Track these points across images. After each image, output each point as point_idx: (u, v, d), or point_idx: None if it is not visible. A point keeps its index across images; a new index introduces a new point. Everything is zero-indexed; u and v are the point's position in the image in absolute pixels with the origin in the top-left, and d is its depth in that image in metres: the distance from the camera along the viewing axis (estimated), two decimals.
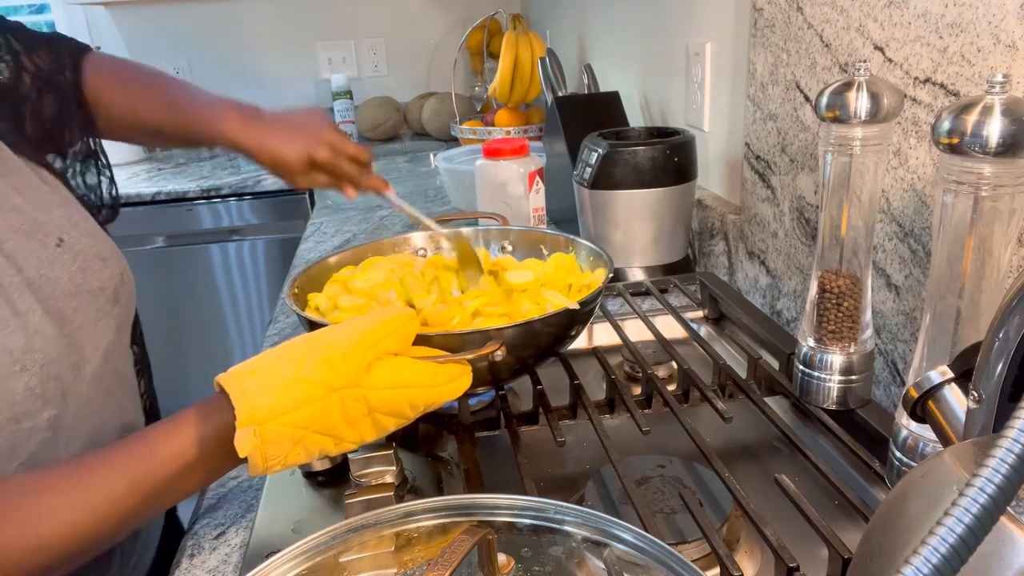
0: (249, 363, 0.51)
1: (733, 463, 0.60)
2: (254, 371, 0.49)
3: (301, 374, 0.48)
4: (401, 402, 0.52)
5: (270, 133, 0.78)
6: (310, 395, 0.48)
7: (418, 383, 0.52)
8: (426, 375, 0.53)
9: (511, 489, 0.49)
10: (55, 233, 0.62)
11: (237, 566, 0.58)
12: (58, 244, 0.62)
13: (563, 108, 1.29)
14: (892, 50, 0.66)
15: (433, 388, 0.53)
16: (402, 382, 0.52)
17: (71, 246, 0.62)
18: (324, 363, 0.49)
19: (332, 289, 0.75)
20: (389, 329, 0.53)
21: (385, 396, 0.51)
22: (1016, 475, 0.22)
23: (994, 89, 0.43)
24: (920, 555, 0.22)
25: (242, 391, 0.47)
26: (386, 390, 0.51)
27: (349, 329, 0.52)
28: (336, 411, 0.49)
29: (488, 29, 2.44)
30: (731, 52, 1.04)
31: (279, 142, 0.78)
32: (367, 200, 1.76)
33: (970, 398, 0.34)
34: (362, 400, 0.50)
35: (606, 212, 1.02)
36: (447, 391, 0.54)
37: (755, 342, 0.83)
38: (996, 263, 0.46)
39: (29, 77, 0.74)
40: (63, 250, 0.62)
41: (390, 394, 0.51)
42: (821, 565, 0.50)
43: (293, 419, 0.48)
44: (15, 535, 0.45)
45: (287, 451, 0.48)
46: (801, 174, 0.84)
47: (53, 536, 0.46)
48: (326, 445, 0.50)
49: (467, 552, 0.36)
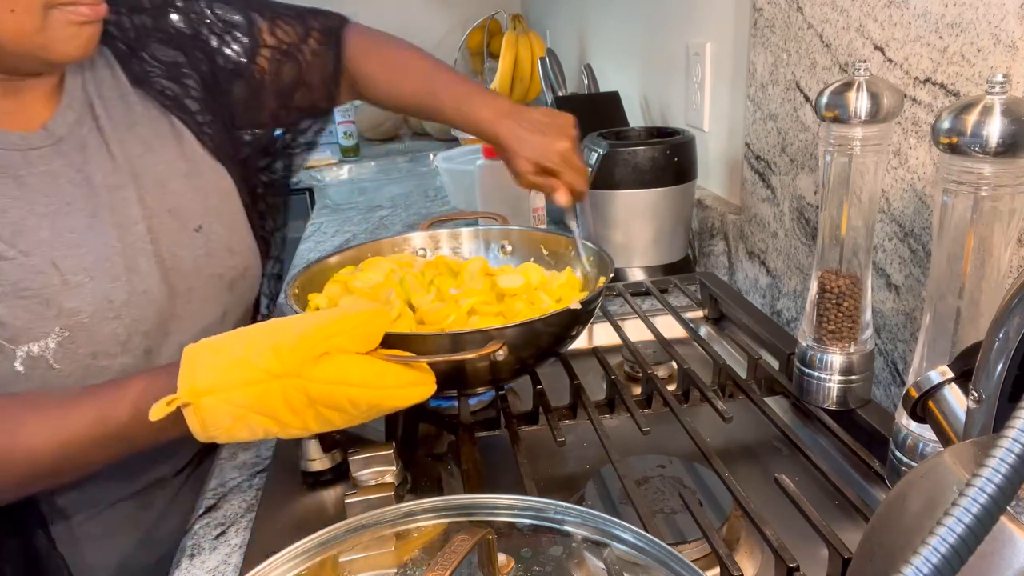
0: (219, 338, 0.54)
1: (733, 463, 0.60)
2: (215, 347, 0.52)
3: (249, 356, 0.51)
4: (340, 398, 0.52)
5: (518, 128, 0.79)
6: (250, 378, 0.50)
7: (361, 382, 0.53)
8: (371, 375, 0.53)
9: (511, 489, 0.49)
10: (197, 220, 0.71)
11: (237, 566, 0.58)
12: (196, 229, 0.71)
13: (563, 108, 1.28)
14: (892, 50, 0.66)
15: (378, 390, 0.53)
16: (344, 379, 0.52)
17: (207, 233, 0.72)
18: (271, 350, 0.51)
19: (332, 289, 0.75)
20: (346, 326, 0.53)
21: (325, 390, 0.52)
22: (1016, 475, 0.22)
23: (994, 89, 0.43)
24: (920, 555, 0.22)
25: (193, 363, 0.51)
26: (327, 384, 0.52)
27: (306, 321, 0.54)
28: (277, 397, 0.51)
29: (488, 29, 2.44)
30: (731, 52, 1.04)
31: (529, 141, 0.79)
32: (367, 200, 1.76)
33: (970, 398, 0.34)
34: (302, 390, 0.51)
35: (606, 212, 1.02)
36: (395, 395, 0.54)
37: (755, 342, 0.83)
38: (996, 263, 0.46)
39: (267, 52, 0.81)
40: (199, 235, 0.71)
41: (330, 388, 0.52)
42: (821, 565, 0.50)
43: (232, 397, 0.50)
44: (6, 443, 0.54)
45: (228, 425, 0.51)
46: (801, 174, 0.84)
47: (28, 447, 0.54)
48: (269, 426, 0.52)
49: (467, 552, 0.36)
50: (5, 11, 0.56)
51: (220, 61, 0.79)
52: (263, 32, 0.82)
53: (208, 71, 0.77)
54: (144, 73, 0.73)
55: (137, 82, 0.72)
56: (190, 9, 0.78)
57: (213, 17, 0.79)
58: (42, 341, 0.61)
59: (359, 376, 0.53)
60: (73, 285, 0.62)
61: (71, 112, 0.67)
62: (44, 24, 0.58)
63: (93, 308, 0.63)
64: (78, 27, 0.60)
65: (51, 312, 0.61)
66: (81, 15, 0.60)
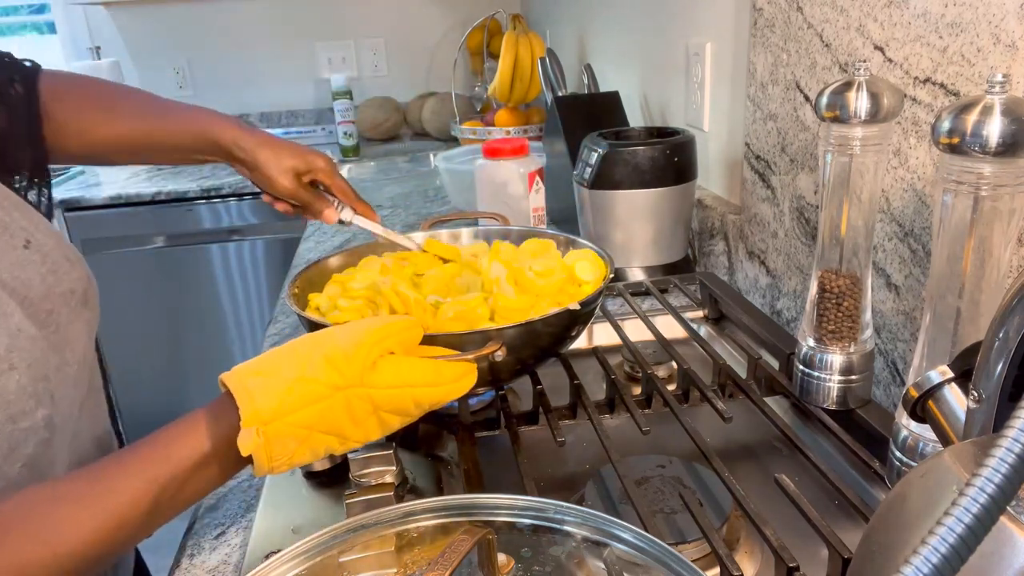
0: (253, 362, 0.51)
1: (733, 463, 0.60)
2: (259, 371, 0.49)
3: (305, 374, 0.48)
4: (406, 400, 0.52)
5: (270, 139, 0.78)
6: (314, 395, 0.48)
7: (423, 382, 0.52)
8: (430, 374, 0.53)
9: (511, 489, 0.49)
10: (21, 235, 0.59)
11: (237, 566, 0.58)
12: (25, 245, 0.59)
13: (563, 108, 1.29)
14: (892, 50, 0.66)
15: (438, 387, 0.53)
16: (406, 381, 0.52)
17: (39, 247, 0.60)
18: (327, 362, 0.49)
19: (332, 289, 0.75)
20: (392, 330, 0.53)
21: (390, 395, 0.51)
22: (1016, 475, 0.22)
23: (994, 89, 0.43)
24: (920, 555, 0.22)
25: (246, 391, 0.47)
26: (391, 389, 0.51)
27: (352, 329, 0.52)
28: (341, 410, 0.49)
29: (488, 29, 2.44)
30: (731, 52, 1.04)
31: (279, 147, 0.78)
32: (367, 200, 1.75)
33: (970, 398, 0.34)
34: (367, 399, 0.50)
35: (606, 212, 1.02)
36: (452, 390, 0.54)
37: (755, 342, 0.83)
38: (996, 263, 0.46)
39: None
40: (31, 251, 0.59)
41: (395, 393, 0.51)
42: (821, 565, 0.50)
43: (298, 419, 0.48)
44: (34, 550, 0.44)
45: (292, 451, 0.48)
46: (801, 174, 0.84)
47: (72, 545, 0.45)
48: (331, 444, 0.50)
49: (467, 552, 0.36)
50: None
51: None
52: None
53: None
54: None
55: None
56: None
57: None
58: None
59: (419, 376, 0.52)
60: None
61: None
62: None
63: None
64: None
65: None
66: None
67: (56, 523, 0.45)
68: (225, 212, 2.16)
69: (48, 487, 0.48)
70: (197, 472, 0.48)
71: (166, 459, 0.48)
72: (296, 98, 2.75)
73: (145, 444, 0.49)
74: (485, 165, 1.18)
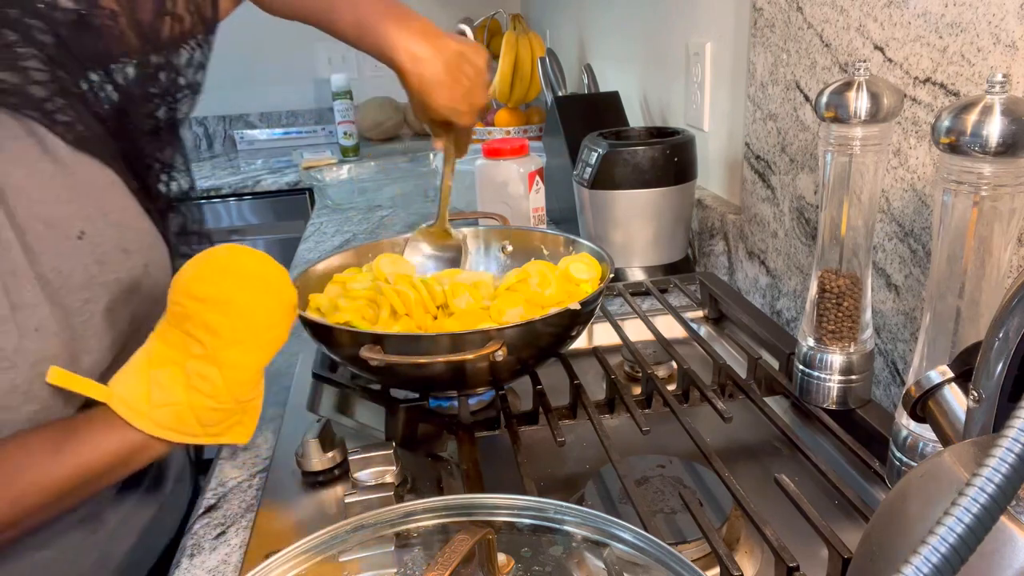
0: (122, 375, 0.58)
1: (733, 463, 0.60)
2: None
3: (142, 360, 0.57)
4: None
5: (432, 67, 0.74)
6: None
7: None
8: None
9: (511, 489, 0.49)
10: (78, 225, 0.61)
11: (237, 566, 0.58)
12: (79, 236, 0.61)
13: (563, 108, 1.29)
14: (892, 50, 0.66)
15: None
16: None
17: (92, 238, 0.62)
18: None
19: (333, 290, 0.75)
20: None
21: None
22: (1016, 475, 0.22)
23: (994, 89, 0.43)
24: (920, 555, 0.22)
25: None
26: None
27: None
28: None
29: (488, 29, 2.44)
30: (731, 52, 1.04)
31: (439, 89, 0.74)
32: (367, 200, 1.76)
33: (970, 398, 0.34)
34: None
35: (606, 212, 1.02)
36: None
37: (755, 342, 0.83)
38: (996, 263, 0.46)
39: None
40: (83, 242, 0.61)
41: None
42: (821, 565, 0.50)
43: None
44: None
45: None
46: (801, 174, 0.84)
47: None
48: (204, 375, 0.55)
49: (467, 552, 0.36)
50: None
51: (59, 16, 0.64)
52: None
53: (49, 37, 0.63)
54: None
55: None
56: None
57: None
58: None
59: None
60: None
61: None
62: None
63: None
64: None
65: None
66: None
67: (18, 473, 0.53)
68: (225, 212, 2.16)
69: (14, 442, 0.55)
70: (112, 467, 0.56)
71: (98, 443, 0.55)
72: (296, 98, 2.75)
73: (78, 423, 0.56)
74: (485, 165, 1.18)
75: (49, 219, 0.59)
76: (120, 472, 0.57)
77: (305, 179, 2.04)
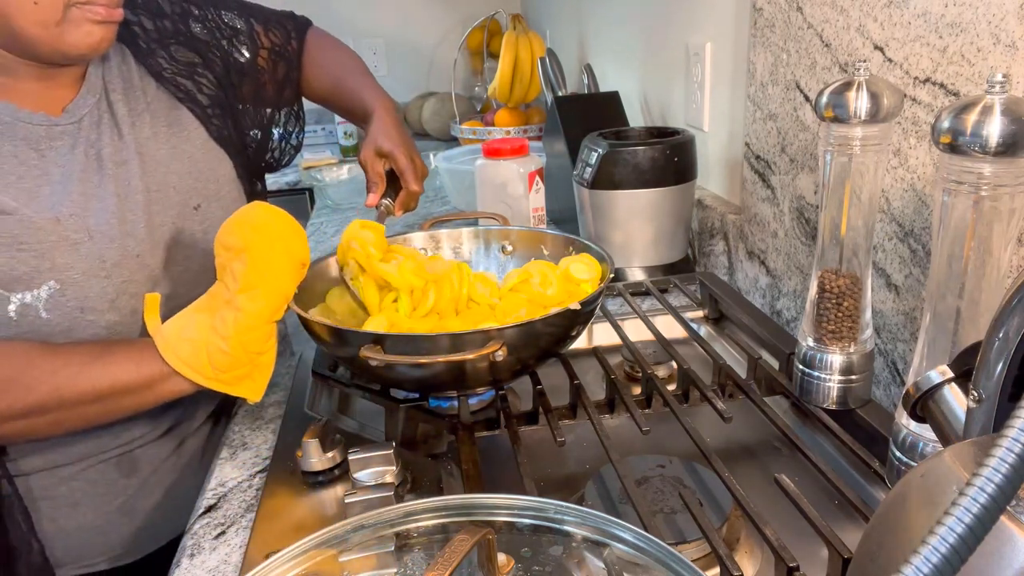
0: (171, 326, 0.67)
1: (733, 463, 0.60)
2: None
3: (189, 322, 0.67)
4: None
5: (392, 133, 0.91)
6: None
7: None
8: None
9: (511, 489, 0.49)
10: (196, 200, 0.79)
11: (237, 566, 0.58)
12: (195, 208, 0.79)
13: (563, 108, 1.29)
14: (892, 50, 0.66)
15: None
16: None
17: (205, 213, 0.79)
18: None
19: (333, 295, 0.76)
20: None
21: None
22: (1016, 475, 0.22)
23: (994, 89, 0.43)
24: (920, 555, 0.22)
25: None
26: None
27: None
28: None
29: (488, 29, 2.44)
30: (731, 52, 1.04)
31: (386, 138, 0.90)
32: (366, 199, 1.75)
33: (970, 398, 0.34)
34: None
35: (606, 212, 1.02)
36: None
37: (755, 342, 0.83)
38: (996, 263, 0.46)
39: (265, 52, 0.93)
40: (197, 213, 0.79)
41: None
42: (821, 565, 0.50)
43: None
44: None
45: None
46: (801, 174, 0.84)
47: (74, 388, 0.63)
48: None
49: (467, 552, 0.36)
50: (29, 3, 0.63)
51: (233, 63, 0.89)
52: (260, 35, 0.93)
53: (223, 71, 0.87)
54: (161, 69, 0.81)
55: (153, 76, 0.81)
56: (205, 17, 0.88)
57: (222, 23, 0.89)
58: (35, 291, 0.66)
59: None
60: (72, 242, 0.68)
61: (90, 97, 0.74)
62: (64, 18, 0.65)
63: (86, 265, 0.68)
64: (93, 25, 0.67)
65: (45, 265, 0.67)
66: (98, 14, 0.67)
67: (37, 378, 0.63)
68: None
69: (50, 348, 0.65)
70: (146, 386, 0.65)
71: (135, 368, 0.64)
72: None
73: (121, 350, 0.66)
74: (485, 165, 1.18)
75: (176, 187, 0.77)
76: (145, 396, 0.65)
77: (305, 179, 2.04)
